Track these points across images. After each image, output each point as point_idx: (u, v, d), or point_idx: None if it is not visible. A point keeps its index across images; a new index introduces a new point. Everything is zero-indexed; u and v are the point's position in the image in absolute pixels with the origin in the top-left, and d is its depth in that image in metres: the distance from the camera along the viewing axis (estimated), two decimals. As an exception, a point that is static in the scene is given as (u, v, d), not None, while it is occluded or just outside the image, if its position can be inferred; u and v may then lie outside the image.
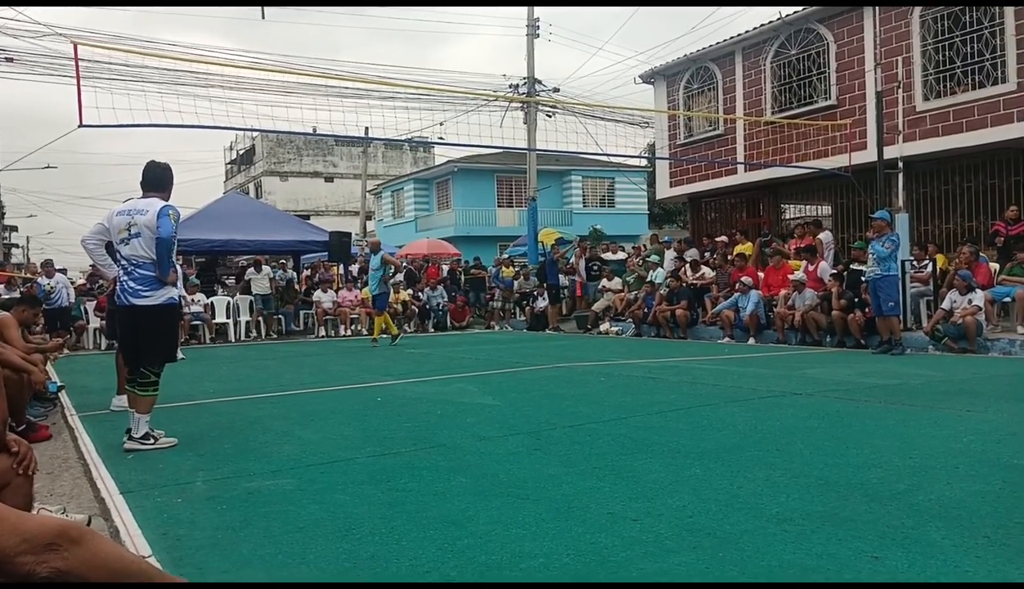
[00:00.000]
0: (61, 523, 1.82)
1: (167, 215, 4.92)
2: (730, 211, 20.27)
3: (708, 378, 7.92)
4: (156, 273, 4.97)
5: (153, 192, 5.13)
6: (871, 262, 10.28)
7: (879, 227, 10.31)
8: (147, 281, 4.97)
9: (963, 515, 3.09)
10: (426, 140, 31.78)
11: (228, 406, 6.77)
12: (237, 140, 53.38)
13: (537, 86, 21.51)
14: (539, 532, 3.02)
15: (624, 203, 37.46)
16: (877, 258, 10.02)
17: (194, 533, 3.16)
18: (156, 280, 4.98)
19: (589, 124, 19.80)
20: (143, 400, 4.94)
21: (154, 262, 4.96)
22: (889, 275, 10.07)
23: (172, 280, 5.08)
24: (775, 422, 5.28)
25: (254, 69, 17.43)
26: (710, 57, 18.85)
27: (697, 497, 3.45)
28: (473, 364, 9.90)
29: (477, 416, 5.85)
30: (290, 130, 19.82)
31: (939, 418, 5.34)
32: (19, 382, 5.13)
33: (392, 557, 2.80)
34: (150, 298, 4.97)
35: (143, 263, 4.97)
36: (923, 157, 14.31)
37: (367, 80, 15.68)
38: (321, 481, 3.94)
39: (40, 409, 6.32)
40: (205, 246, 17.63)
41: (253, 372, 9.72)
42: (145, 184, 5.18)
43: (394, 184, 41.57)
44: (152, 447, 4.85)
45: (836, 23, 16.02)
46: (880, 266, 10.02)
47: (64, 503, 3.62)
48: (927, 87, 14.50)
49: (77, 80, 8.58)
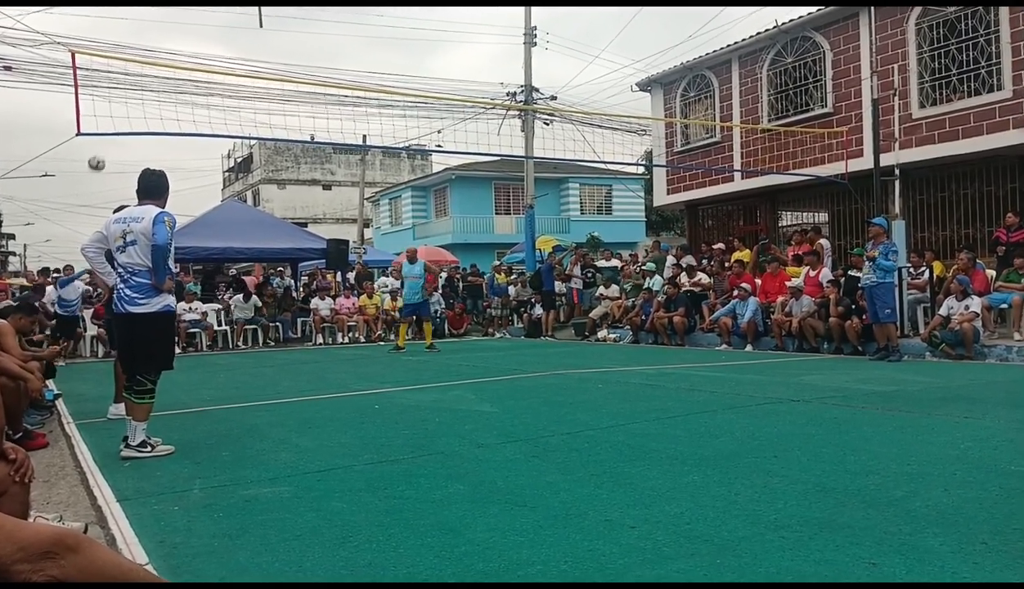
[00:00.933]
0: (57, 531, 1.82)
1: (163, 222, 4.92)
2: (727, 218, 20.32)
3: (706, 385, 7.92)
4: (152, 281, 4.97)
5: (149, 200, 5.14)
6: (867, 269, 10.31)
7: (876, 233, 10.35)
8: (143, 289, 4.97)
9: (960, 521, 3.09)
10: (424, 148, 31.87)
11: (225, 413, 6.76)
12: (235, 148, 53.41)
13: (534, 94, 21.56)
14: (537, 539, 3.02)
15: (621, 210, 37.51)
16: (880, 268, 10.04)
17: (191, 541, 3.15)
18: (152, 288, 4.97)
19: (586, 132, 19.89)
20: (139, 408, 4.95)
21: (150, 270, 4.97)
22: (885, 282, 10.10)
23: (168, 287, 5.08)
24: (773, 429, 5.28)
25: (252, 77, 17.45)
26: (706, 65, 18.92)
27: (695, 504, 3.45)
28: (471, 371, 9.90)
29: (475, 423, 5.85)
30: (288, 138, 19.87)
31: (936, 425, 5.34)
32: (16, 390, 5.12)
33: (389, 565, 2.79)
34: (146, 306, 4.96)
35: (139, 271, 4.97)
36: (919, 164, 14.35)
37: (365, 88, 15.71)
38: (318, 489, 3.93)
39: (37, 417, 6.31)
40: (203, 254, 17.61)
41: (250, 380, 9.71)
42: (141, 192, 5.19)
43: (392, 192, 41.60)
44: (149, 455, 4.84)
45: (832, 31, 16.09)
46: (877, 274, 10.07)
47: (61, 511, 3.62)
48: (923, 94, 14.56)
49: (75, 89, 8.61)
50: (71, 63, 8.91)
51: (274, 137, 15.63)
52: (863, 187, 13.74)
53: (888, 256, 10.10)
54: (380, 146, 36.30)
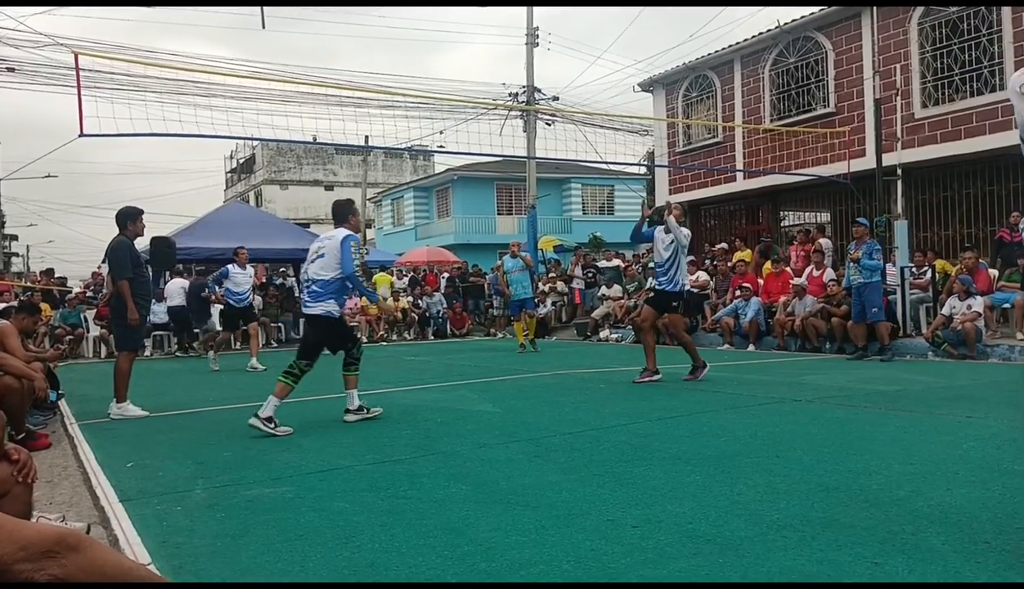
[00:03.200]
0: (59, 531, 1.83)
1: (348, 247, 5.95)
2: (729, 218, 20.30)
3: (708, 384, 7.91)
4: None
5: (339, 224, 6.22)
6: (853, 270, 10.39)
7: (860, 233, 10.40)
8: (319, 295, 6.01)
9: (963, 521, 3.09)
10: (426, 148, 31.88)
11: (227, 414, 6.76)
12: (237, 149, 53.45)
13: (536, 94, 21.56)
14: (539, 539, 3.02)
15: (624, 210, 37.47)
16: (865, 268, 10.09)
17: (193, 541, 3.16)
18: (325, 294, 5.98)
19: (588, 132, 19.85)
20: (351, 378, 6.15)
21: (326, 281, 5.99)
22: (872, 282, 10.14)
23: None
24: (775, 428, 5.27)
25: (254, 78, 17.48)
26: (709, 65, 18.91)
27: (697, 503, 3.44)
28: (473, 371, 9.90)
29: (477, 423, 5.85)
30: (290, 139, 19.85)
31: (939, 424, 5.33)
32: (20, 390, 5.13)
33: (392, 565, 2.79)
34: (313, 309, 6.02)
35: (319, 280, 6.01)
36: (922, 164, 14.33)
37: (367, 89, 15.72)
38: (320, 489, 3.94)
39: (40, 417, 6.31)
40: (205, 254, 17.60)
41: (253, 380, 9.71)
42: (334, 218, 6.32)
43: (394, 192, 41.62)
44: (363, 417, 5.99)
45: (834, 31, 16.07)
46: (863, 274, 10.11)
47: (63, 511, 3.62)
48: (925, 94, 14.54)
49: (78, 90, 8.60)
50: (74, 64, 8.91)
51: (276, 138, 15.65)
52: (865, 187, 13.71)
53: (872, 255, 10.14)
54: (382, 147, 36.29)
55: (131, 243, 6.79)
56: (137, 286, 6.68)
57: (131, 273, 6.64)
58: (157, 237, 14.95)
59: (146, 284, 7.02)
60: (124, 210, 6.86)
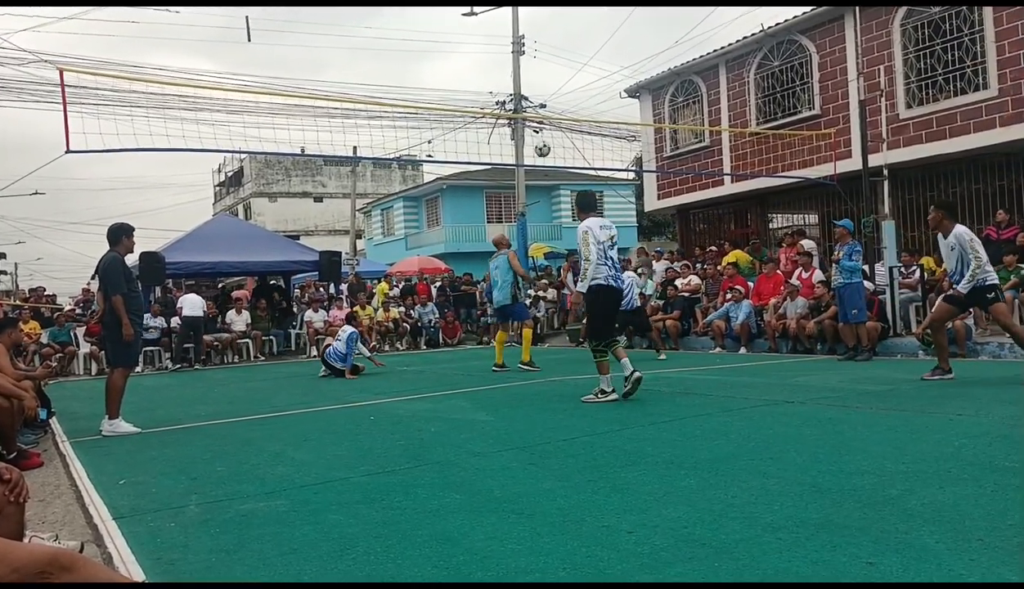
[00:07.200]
0: (52, 551, 1.82)
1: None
2: (718, 222, 20.39)
3: (700, 388, 7.93)
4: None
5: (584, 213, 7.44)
6: (835, 272, 10.48)
7: (840, 235, 10.48)
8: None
9: (956, 518, 3.10)
10: (414, 158, 31.86)
11: (220, 428, 6.73)
12: (225, 162, 53.33)
13: (524, 102, 21.61)
14: (535, 547, 3.02)
15: (613, 216, 37.53)
16: (845, 269, 10.16)
17: (188, 557, 3.14)
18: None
19: (576, 139, 19.89)
20: (599, 364, 7.11)
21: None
22: (852, 283, 10.20)
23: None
24: (768, 431, 5.29)
25: (241, 91, 17.45)
26: (694, 70, 19.02)
27: (692, 508, 3.45)
28: (466, 380, 9.89)
29: (471, 432, 5.85)
30: (278, 151, 19.84)
31: (930, 422, 5.36)
32: (10, 409, 5.10)
33: (388, 576, 2.79)
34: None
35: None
36: (907, 164, 14.44)
37: (354, 100, 15.72)
38: (315, 502, 3.93)
39: (31, 436, 6.28)
40: (195, 269, 17.57)
41: (245, 393, 9.68)
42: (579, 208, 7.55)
43: (383, 202, 41.60)
44: (604, 399, 6.92)
45: (818, 34, 16.20)
46: (843, 275, 10.18)
47: (56, 530, 3.59)
48: (910, 95, 14.66)
49: (64, 107, 8.57)
50: (59, 81, 8.88)
51: (264, 150, 15.62)
52: (852, 188, 13.81)
53: (852, 256, 10.20)
54: (371, 157, 36.22)
55: (123, 259, 6.82)
56: (130, 302, 6.68)
57: (125, 289, 6.64)
58: (146, 252, 14.91)
59: (138, 299, 7.01)
60: (115, 227, 6.86)
